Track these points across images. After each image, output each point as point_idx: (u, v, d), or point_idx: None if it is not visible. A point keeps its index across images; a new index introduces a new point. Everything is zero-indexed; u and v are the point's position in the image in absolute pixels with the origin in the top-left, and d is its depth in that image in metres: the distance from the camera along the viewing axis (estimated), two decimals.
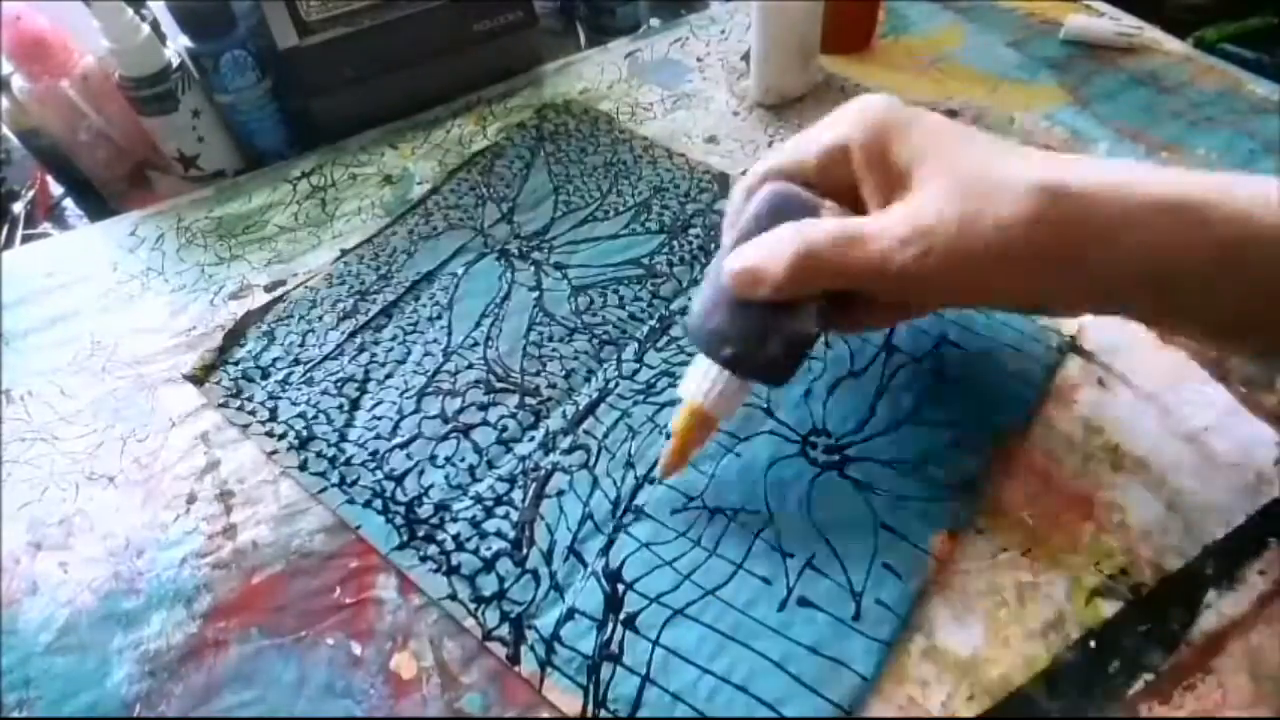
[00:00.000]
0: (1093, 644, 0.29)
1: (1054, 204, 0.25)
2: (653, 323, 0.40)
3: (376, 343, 0.42)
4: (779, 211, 0.30)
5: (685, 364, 0.38)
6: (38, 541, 0.36)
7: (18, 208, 0.56)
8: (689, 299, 0.41)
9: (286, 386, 0.40)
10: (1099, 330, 0.38)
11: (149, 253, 0.48)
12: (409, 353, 0.41)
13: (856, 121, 0.28)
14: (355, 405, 0.39)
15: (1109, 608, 0.30)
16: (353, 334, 0.42)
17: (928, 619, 0.30)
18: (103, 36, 0.46)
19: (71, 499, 0.37)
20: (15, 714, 0.31)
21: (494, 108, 0.55)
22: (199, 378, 0.41)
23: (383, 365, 0.41)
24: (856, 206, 0.29)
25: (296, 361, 0.41)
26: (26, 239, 0.55)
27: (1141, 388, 0.36)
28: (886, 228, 0.27)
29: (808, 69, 0.52)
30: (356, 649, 0.32)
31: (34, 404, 0.41)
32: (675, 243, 0.44)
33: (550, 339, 0.41)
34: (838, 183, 0.29)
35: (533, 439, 0.37)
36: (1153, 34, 0.54)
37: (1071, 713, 0.28)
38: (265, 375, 0.41)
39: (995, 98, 0.51)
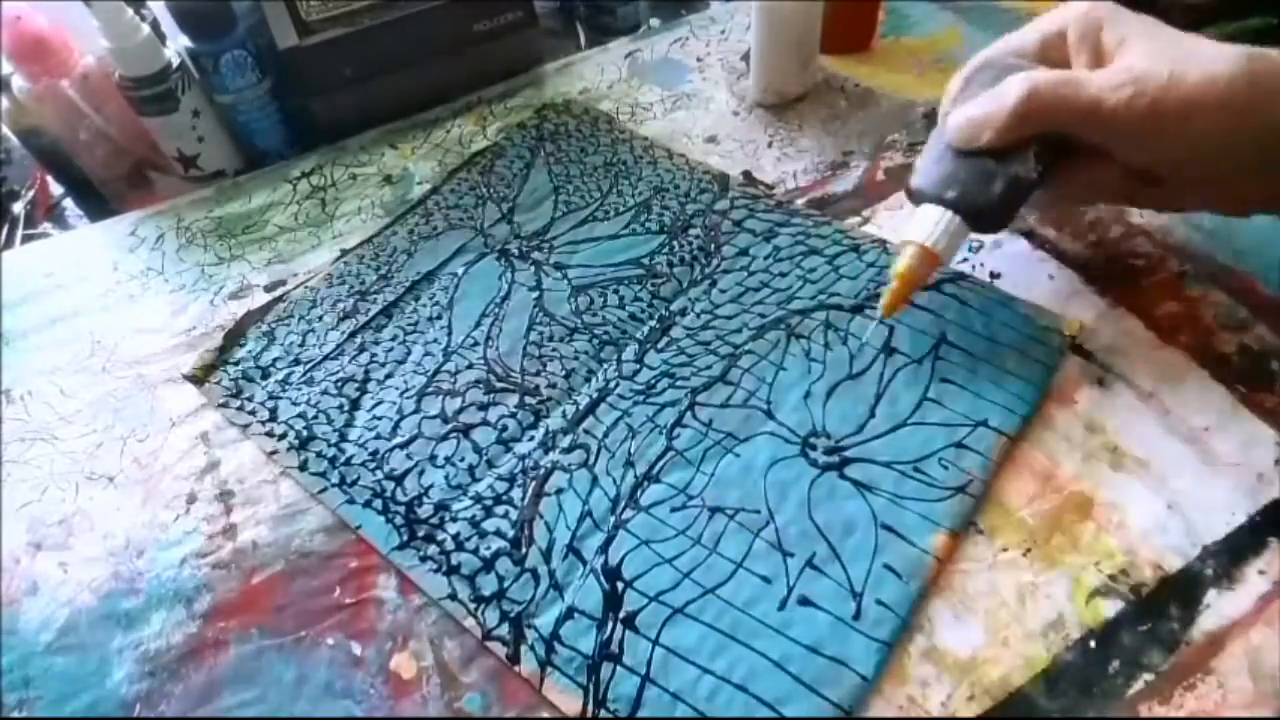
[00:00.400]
0: (1093, 644, 0.29)
1: (1256, 66, 0.30)
2: (653, 323, 0.40)
3: (377, 343, 0.42)
4: (998, 75, 0.34)
5: (686, 364, 0.38)
6: (38, 541, 0.36)
7: (18, 208, 0.56)
8: (690, 299, 0.41)
9: (286, 386, 0.40)
10: (1099, 330, 0.38)
11: (149, 253, 0.48)
12: (409, 353, 0.41)
13: (1075, 11, 0.34)
14: (355, 405, 0.39)
15: (1109, 608, 0.30)
16: (353, 334, 0.42)
17: (928, 619, 0.30)
18: (103, 36, 0.46)
19: (71, 499, 0.37)
20: (15, 714, 0.31)
21: (494, 108, 0.55)
22: (199, 378, 0.41)
23: (383, 365, 0.41)
24: None
25: (296, 361, 0.41)
26: (26, 239, 0.55)
27: (1141, 387, 0.36)
28: (1103, 75, 0.32)
29: (807, 69, 0.52)
30: (356, 649, 0.32)
31: (34, 404, 0.41)
32: (675, 243, 0.44)
33: (550, 339, 0.41)
34: (1053, 65, 0.35)
35: (532, 438, 0.37)
36: None
37: (1071, 713, 0.28)
38: (265, 375, 0.41)
39: None
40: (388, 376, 0.40)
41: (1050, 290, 0.40)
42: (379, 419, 0.38)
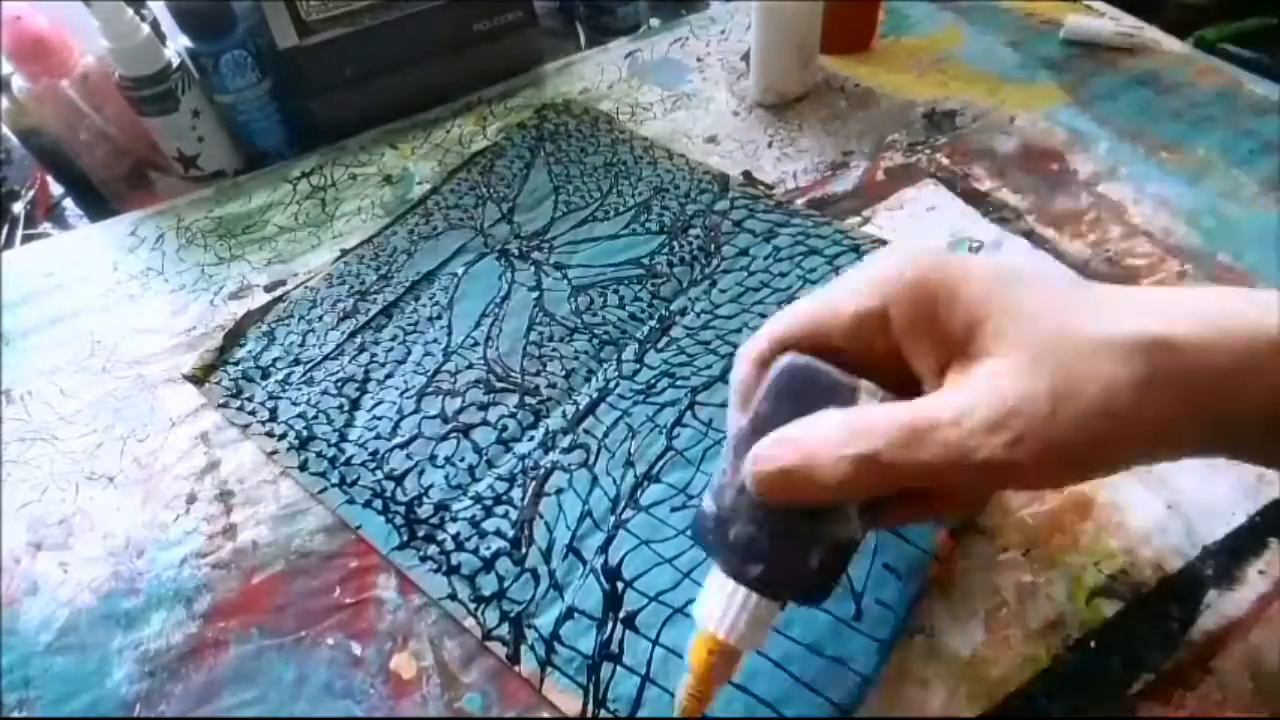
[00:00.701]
0: (1093, 644, 0.29)
1: (1162, 363, 0.21)
2: (653, 323, 0.40)
3: (377, 343, 0.42)
4: (803, 396, 0.24)
5: (686, 364, 0.38)
6: (38, 541, 0.36)
7: (18, 208, 0.56)
8: (690, 299, 0.41)
9: (286, 386, 0.40)
10: None
11: (149, 253, 0.48)
12: (409, 353, 0.41)
13: (894, 283, 0.23)
14: (355, 405, 0.39)
15: (1109, 608, 0.30)
16: (353, 334, 0.42)
17: (928, 619, 0.30)
18: (102, 36, 0.46)
19: (71, 499, 0.37)
20: (15, 714, 0.31)
21: (494, 108, 0.55)
22: (199, 378, 0.41)
23: (383, 365, 0.41)
24: (899, 377, 0.24)
25: (296, 361, 0.41)
26: (26, 239, 0.55)
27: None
28: (962, 414, 0.22)
29: (808, 69, 0.52)
30: (356, 649, 0.32)
31: (34, 404, 0.41)
32: (675, 243, 0.44)
33: (550, 339, 0.41)
34: (873, 350, 0.24)
35: (532, 438, 0.37)
36: (1152, 34, 0.54)
37: (1071, 713, 0.28)
38: (265, 375, 0.41)
39: (995, 98, 0.51)
40: (388, 376, 0.40)
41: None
42: (379, 419, 0.38)
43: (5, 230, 0.55)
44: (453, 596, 0.32)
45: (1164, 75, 0.52)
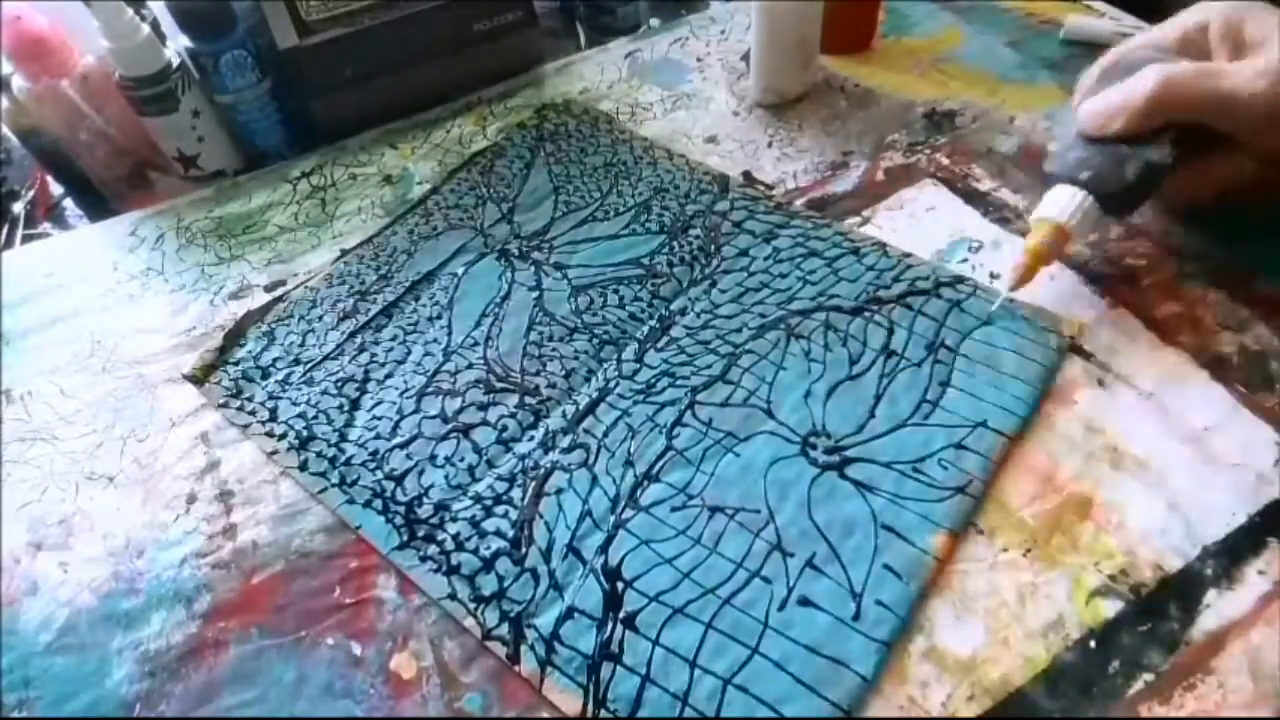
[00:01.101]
0: (1093, 644, 0.29)
1: None
2: (652, 323, 0.40)
3: (377, 343, 0.42)
4: (1133, 67, 0.35)
5: (686, 364, 0.38)
6: (38, 541, 0.36)
7: (18, 208, 0.56)
8: (690, 299, 0.41)
9: (286, 386, 0.40)
10: (1099, 330, 0.38)
11: (149, 253, 0.48)
12: (409, 353, 0.41)
13: (1218, 6, 0.36)
14: (355, 405, 0.39)
15: (1109, 608, 0.30)
16: (352, 334, 0.42)
17: (928, 619, 0.30)
18: (102, 36, 0.46)
19: (71, 499, 0.37)
20: (15, 714, 0.31)
21: (494, 108, 0.55)
22: (199, 378, 0.41)
23: (383, 365, 0.41)
24: None
25: (296, 361, 0.41)
26: (26, 239, 0.55)
27: (1141, 388, 0.36)
28: (1241, 66, 0.34)
29: (808, 69, 0.52)
30: (356, 649, 0.32)
31: (34, 404, 0.41)
32: (675, 243, 0.44)
33: (550, 339, 0.41)
34: (1192, 59, 0.35)
35: (532, 438, 0.37)
36: None
37: (1071, 713, 0.28)
38: (265, 375, 0.41)
39: (995, 98, 0.51)
40: (388, 376, 0.40)
41: (1050, 290, 0.40)
42: (379, 419, 0.38)
43: (5, 230, 0.55)
44: (453, 596, 0.32)
45: None
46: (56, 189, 0.57)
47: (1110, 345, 0.37)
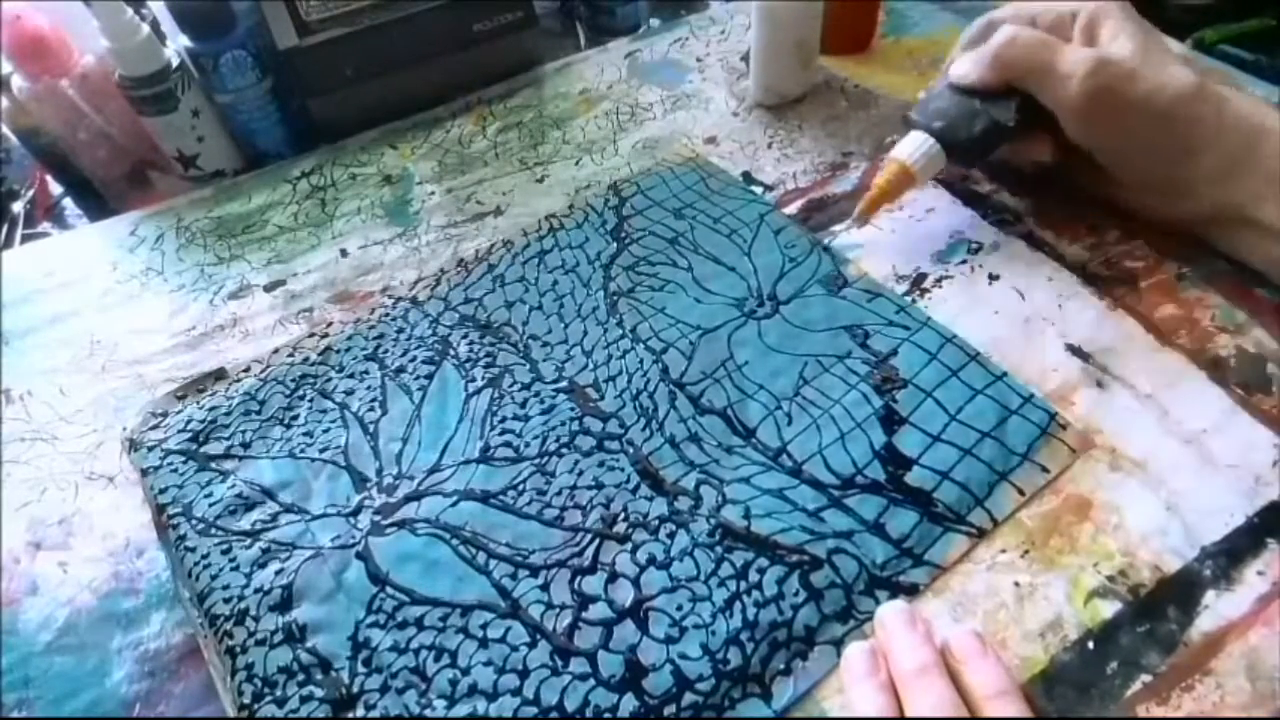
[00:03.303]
0: (1091, 645, 0.29)
1: (1200, 91, 0.36)
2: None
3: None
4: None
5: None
6: (38, 541, 0.36)
7: (18, 208, 0.56)
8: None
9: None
10: (1099, 332, 0.38)
11: (149, 253, 0.48)
12: None
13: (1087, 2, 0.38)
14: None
15: (1107, 609, 0.30)
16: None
17: (928, 619, 0.30)
18: (102, 36, 0.46)
19: (71, 499, 0.37)
20: (15, 714, 0.31)
21: (494, 108, 0.55)
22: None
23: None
24: None
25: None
26: (26, 239, 0.55)
27: (1140, 389, 0.36)
28: (1074, 49, 0.37)
29: (807, 69, 0.52)
30: None
31: (34, 404, 0.41)
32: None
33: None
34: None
35: None
36: None
37: (1070, 714, 0.28)
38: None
39: None
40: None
41: (1049, 291, 0.40)
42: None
43: (5, 230, 0.55)
44: None
45: None
46: (56, 189, 0.57)
47: (1109, 347, 0.37)
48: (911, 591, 0.31)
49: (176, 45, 0.50)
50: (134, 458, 0.38)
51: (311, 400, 0.39)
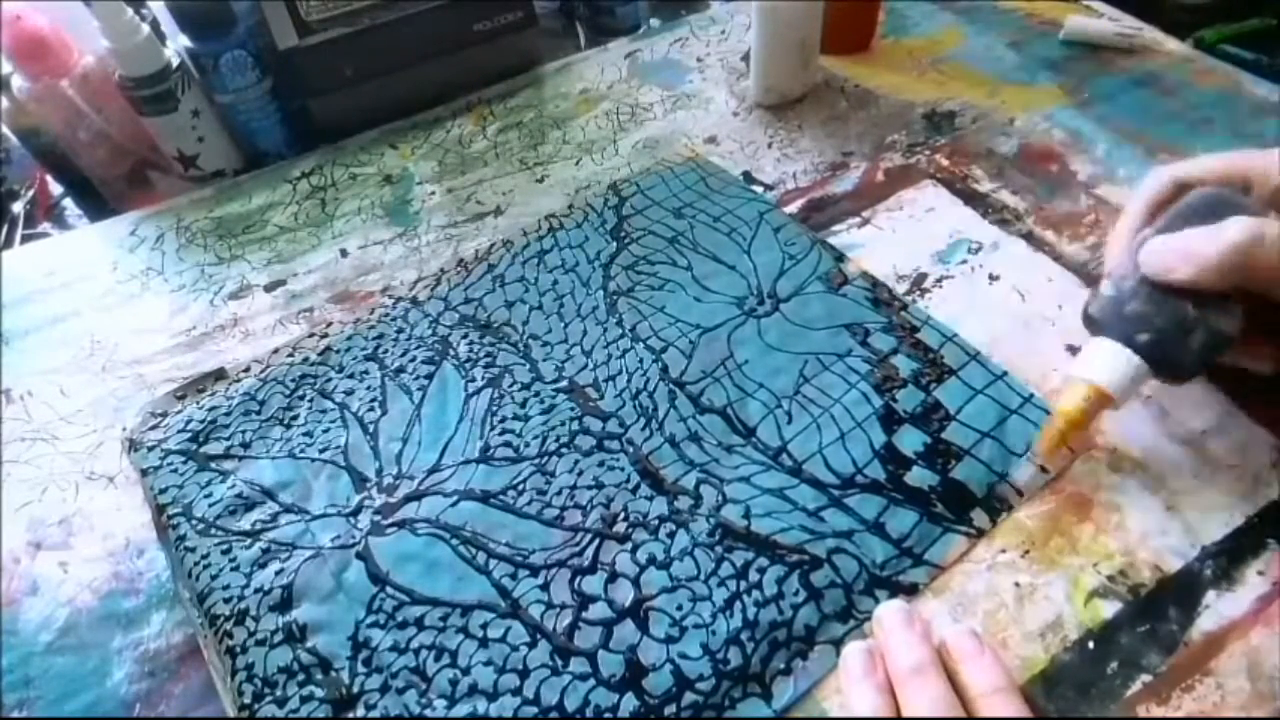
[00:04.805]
0: (1091, 645, 0.29)
1: None
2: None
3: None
4: (1215, 210, 0.30)
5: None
6: (38, 541, 0.36)
7: (18, 208, 0.56)
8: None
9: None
10: None
11: (149, 253, 0.48)
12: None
13: None
14: None
15: (1108, 609, 0.30)
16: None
17: (928, 619, 0.30)
18: (102, 36, 0.46)
19: (71, 499, 0.37)
20: (15, 714, 0.31)
21: (494, 108, 0.55)
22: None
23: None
24: None
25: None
26: (26, 239, 0.55)
27: (1139, 390, 0.36)
28: None
29: (808, 69, 0.52)
30: None
31: (34, 404, 0.41)
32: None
33: None
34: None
35: None
36: (1152, 35, 0.54)
37: (1070, 713, 0.28)
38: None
39: (995, 99, 0.51)
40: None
41: (1049, 292, 0.40)
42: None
43: (5, 230, 0.55)
44: None
45: (1164, 76, 0.52)
46: (56, 189, 0.57)
47: None
48: (911, 591, 0.31)
49: (176, 45, 0.50)
50: (134, 458, 0.38)
51: (311, 400, 0.39)
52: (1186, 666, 0.28)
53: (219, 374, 0.41)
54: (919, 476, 0.33)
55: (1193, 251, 0.29)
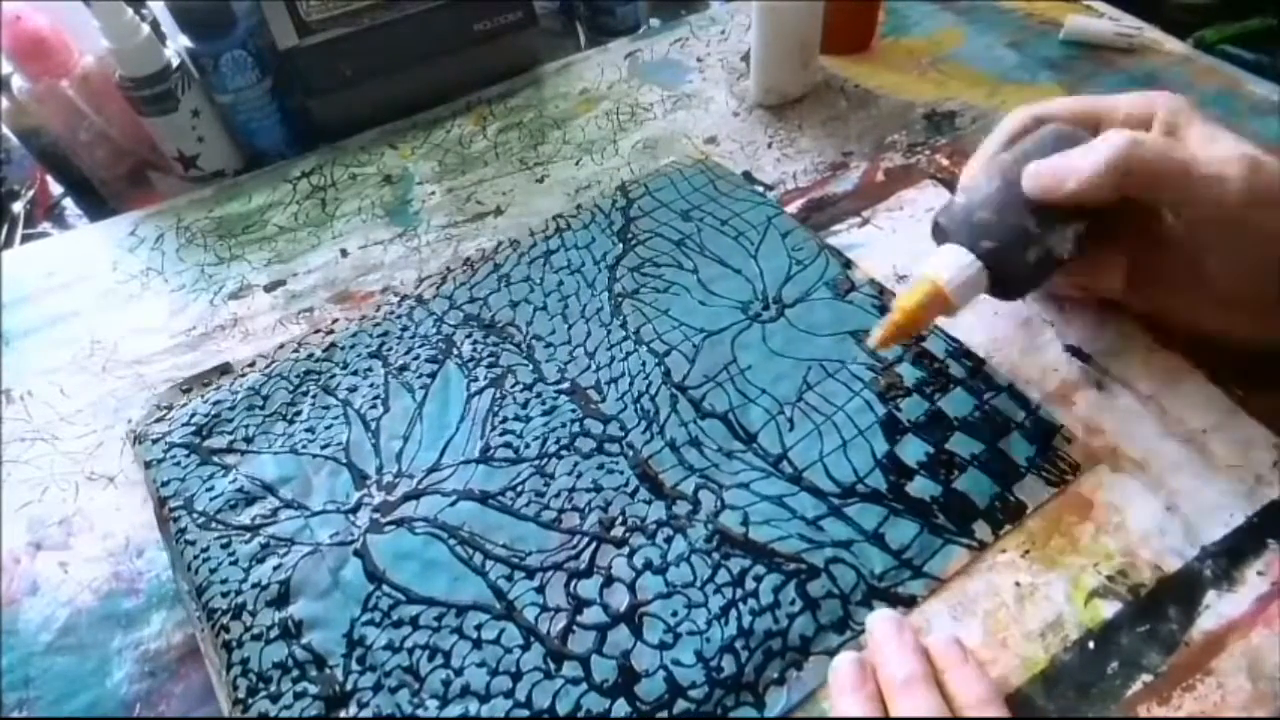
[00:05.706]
0: (1092, 645, 0.29)
1: None
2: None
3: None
4: (1066, 142, 0.32)
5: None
6: (38, 541, 0.36)
7: (18, 208, 0.56)
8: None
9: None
10: (1098, 334, 0.38)
11: (149, 253, 0.48)
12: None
13: (1164, 98, 0.33)
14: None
15: (1108, 609, 0.30)
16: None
17: (926, 620, 0.30)
18: (103, 36, 0.46)
19: (71, 499, 0.37)
20: (15, 714, 0.31)
21: (494, 108, 0.55)
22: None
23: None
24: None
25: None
26: (26, 239, 0.55)
27: (1140, 390, 0.36)
28: (1211, 150, 0.30)
29: (808, 69, 0.52)
30: None
31: (34, 404, 0.41)
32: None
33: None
34: None
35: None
36: (1152, 34, 0.54)
37: (1070, 713, 0.28)
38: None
39: (995, 98, 0.51)
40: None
41: (1049, 292, 0.40)
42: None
43: (5, 230, 0.55)
44: None
45: (1164, 76, 0.52)
46: (56, 189, 0.57)
47: (1109, 348, 0.37)
48: (909, 603, 0.30)
49: (176, 45, 0.50)
50: (138, 450, 0.38)
51: (314, 396, 0.39)
52: (1187, 666, 0.28)
53: (224, 369, 0.41)
54: (921, 487, 0.33)
55: (1075, 167, 0.31)
